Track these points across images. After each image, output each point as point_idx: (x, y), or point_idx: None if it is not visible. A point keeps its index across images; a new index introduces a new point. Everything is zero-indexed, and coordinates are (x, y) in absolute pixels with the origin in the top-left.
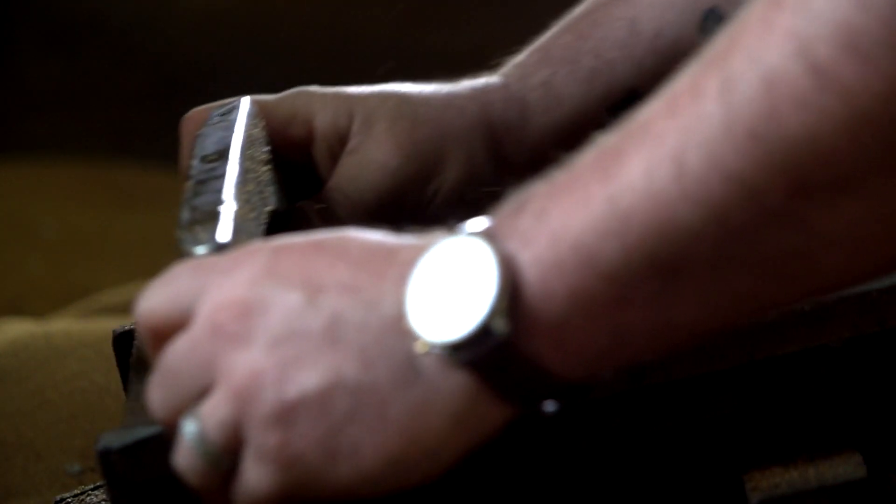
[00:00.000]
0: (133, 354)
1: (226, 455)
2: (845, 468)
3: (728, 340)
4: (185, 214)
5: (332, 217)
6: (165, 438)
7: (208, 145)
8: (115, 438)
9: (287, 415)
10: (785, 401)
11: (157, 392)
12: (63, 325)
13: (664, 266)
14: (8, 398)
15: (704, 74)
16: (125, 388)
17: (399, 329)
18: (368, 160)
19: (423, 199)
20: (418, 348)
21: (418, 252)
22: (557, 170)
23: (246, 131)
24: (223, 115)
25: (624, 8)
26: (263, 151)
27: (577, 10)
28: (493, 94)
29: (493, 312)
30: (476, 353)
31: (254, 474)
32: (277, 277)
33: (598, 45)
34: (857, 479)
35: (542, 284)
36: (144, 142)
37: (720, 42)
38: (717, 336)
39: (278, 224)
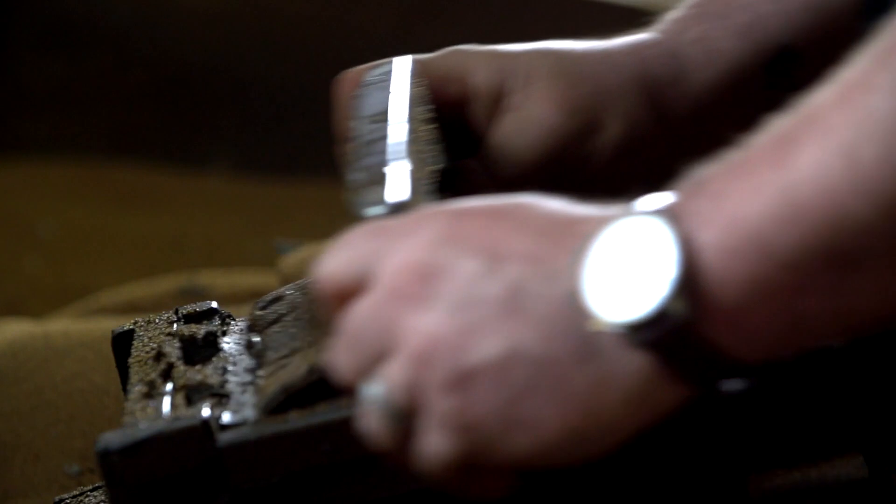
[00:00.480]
0: (132, 354)
1: (406, 418)
2: (847, 469)
3: None
4: (357, 176)
5: (490, 176)
6: (165, 439)
7: (369, 106)
8: (114, 439)
9: (465, 381)
10: (787, 402)
11: (342, 355)
12: (61, 326)
13: (840, 257)
14: (6, 399)
15: (875, 69)
16: (124, 389)
17: (575, 304)
18: (528, 118)
19: (583, 156)
20: (594, 326)
21: (597, 226)
22: (731, 151)
23: (409, 90)
24: (379, 75)
25: None
26: (425, 110)
27: None
28: (651, 50)
29: (673, 294)
30: (655, 334)
31: (431, 438)
32: (458, 242)
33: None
34: (859, 480)
35: (721, 268)
36: (143, 141)
37: (890, 34)
38: None
39: (439, 183)
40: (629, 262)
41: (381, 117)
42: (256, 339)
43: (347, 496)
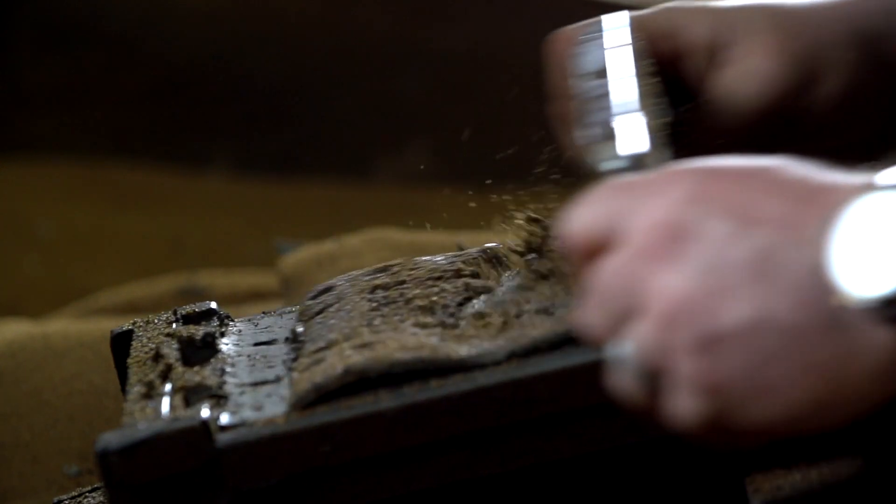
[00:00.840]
0: (131, 355)
1: (656, 377)
2: (848, 470)
3: None
4: (587, 132)
5: (708, 130)
6: (164, 439)
7: (590, 62)
8: (113, 439)
9: (714, 344)
10: None
11: (592, 312)
12: (60, 326)
13: None
14: (5, 399)
15: None
16: (123, 389)
17: (822, 277)
18: (748, 70)
19: (802, 108)
20: (840, 300)
21: (848, 197)
22: None
23: (630, 47)
24: (594, 32)
25: None
26: (647, 64)
27: None
28: (869, 3)
29: None
30: None
31: (679, 399)
32: (709, 203)
33: None
34: (860, 482)
35: None
36: (142, 141)
37: None
38: None
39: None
40: (880, 237)
41: (605, 73)
42: (300, 329)
43: (347, 498)
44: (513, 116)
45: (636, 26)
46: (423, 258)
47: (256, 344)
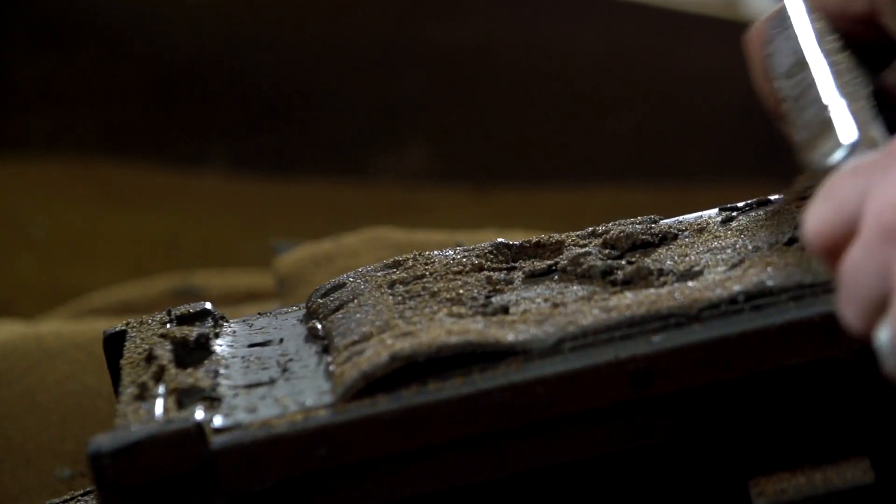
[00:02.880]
0: (124, 356)
1: None
2: (853, 473)
3: (735, 351)
4: (801, 135)
5: None
6: (158, 441)
7: (783, 60)
8: (106, 441)
9: None
10: (793, 410)
11: (846, 307)
12: (53, 327)
13: None
14: None
15: None
16: (116, 391)
17: None
18: None
19: None
20: None
21: None
22: None
23: (812, 30)
24: (778, 24)
25: None
26: (832, 40)
27: None
28: None
29: None
30: None
31: None
32: None
33: None
34: (865, 485)
35: None
36: (137, 139)
37: None
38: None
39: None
40: None
41: (798, 68)
42: (319, 325)
43: (343, 503)
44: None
45: (816, 4)
46: (434, 252)
47: (251, 345)
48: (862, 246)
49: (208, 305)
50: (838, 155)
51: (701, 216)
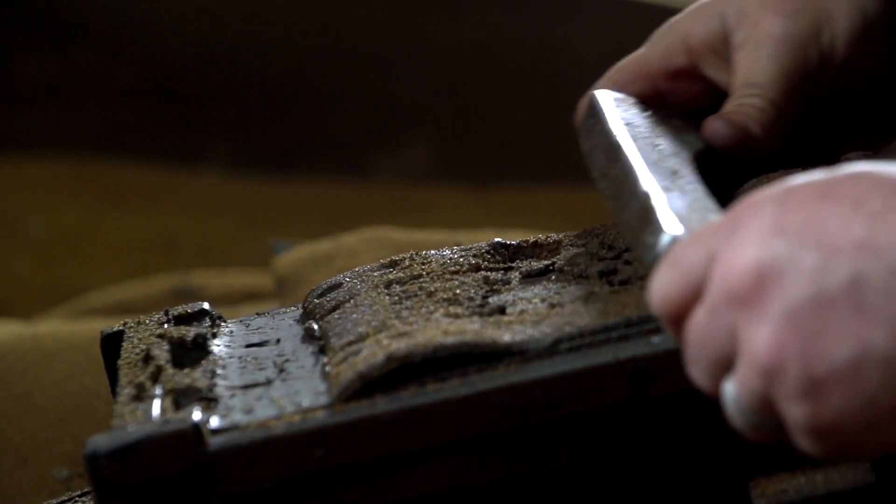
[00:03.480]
0: (121, 356)
1: (766, 420)
2: (854, 474)
3: None
4: (625, 233)
5: (751, 116)
6: (155, 442)
7: (599, 158)
8: (103, 442)
9: (816, 389)
10: None
11: (693, 367)
12: (51, 327)
13: None
14: None
15: None
16: (113, 391)
17: None
18: (759, 38)
19: (823, 55)
20: None
21: None
22: None
23: (620, 119)
24: (591, 117)
25: None
26: (647, 121)
27: None
28: None
29: None
30: None
31: (797, 441)
32: (788, 235)
33: None
34: (866, 486)
35: None
36: (135, 138)
37: None
38: None
39: (709, 163)
40: None
41: (613, 163)
42: (315, 326)
43: None
44: (512, 114)
45: (641, 68)
46: (431, 252)
47: (248, 346)
48: (707, 309)
49: (206, 305)
50: (662, 247)
51: None
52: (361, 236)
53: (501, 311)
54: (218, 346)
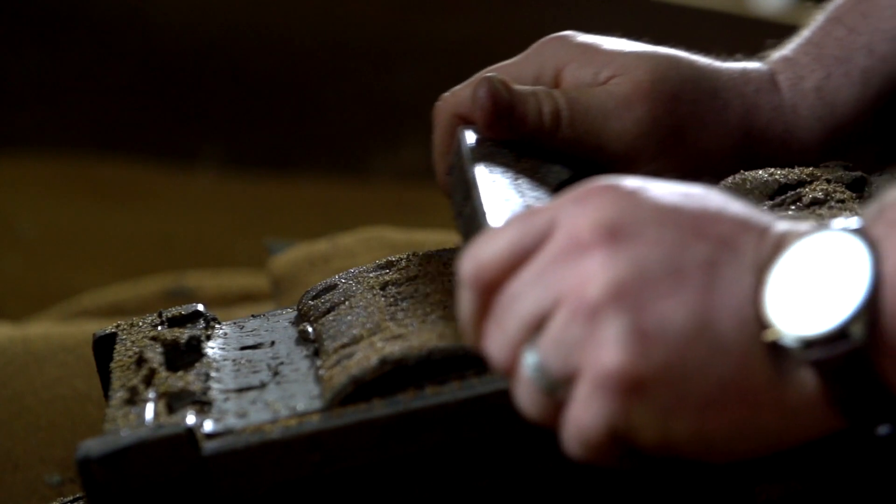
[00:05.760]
0: (114, 359)
1: (563, 384)
2: (859, 481)
3: None
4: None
5: (532, 95)
6: (148, 447)
7: (456, 198)
8: (95, 447)
9: (643, 338)
10: None
11: (495, 333)
12: (42, 329)
13: None
14: None
15: None
16: (106, 395)
17: (756, 311)
18: (618, 94)
19: (641, 164)
20: (770, 336)
21: (791, 234)
22: None
23: (479, 158)
24: (454, 159)
25: None
26: (509, 154)
27: None
28: (763, 98)
29: (856, 315)
30: (828, 353)
31: (587, 404)
32: (650, 210)
33: (870, 39)
34: (873, 491)
35: (894, 299)
36: (128, 136)
37: None
38: None
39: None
40: (818, 278)
41: (466, 202)
42: (309, 328)
43: None
44: None
45: (511, 77)
46: (428, 252)
47: (242, 348)
48: (536, 267)
49: (200, 307)
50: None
51: None
52: (359, 236)
53: None
54: (212, 349)
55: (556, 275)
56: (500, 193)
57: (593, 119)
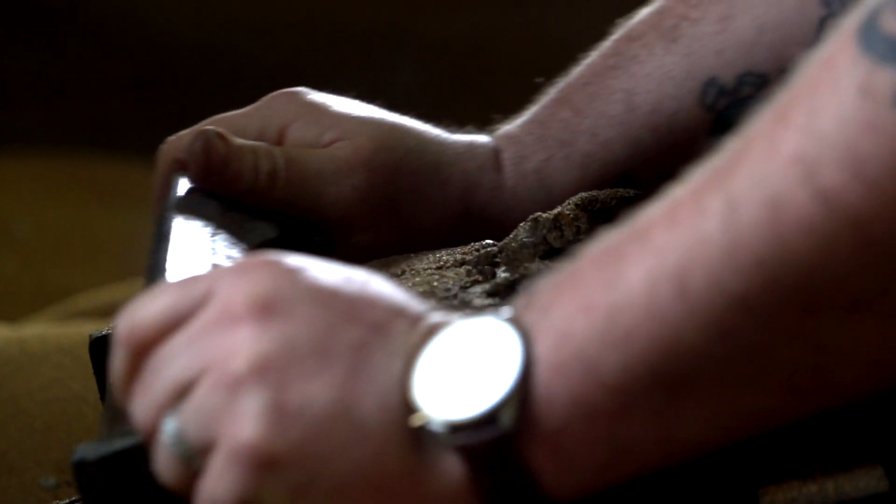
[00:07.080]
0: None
1: (200, 453)
2: (867, 481)
3: None
4: None
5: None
6: (144, 450)
7: (151, 245)
8: (91, 450)
9: (279, 417)
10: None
11: (141, 396)
12: (38, 330)
13: (668, 382)
14: None
15: (707, 190)
16: (102, 397)
17: (403, 397)
18: (339, 158)
19: (355, 231)
20: (417, 421)
21: (442, 322)
22: (562, 263)
23: (181, 210)
24: (164, 204)
25: (621, 78)
26: (217, 206)
27: (574, 76)
28: (486, 177)
29: (505, 401)
30: (475, 439)
31: (220, 475)
32: (307, 290)
33: (594, 123)
34: (879, 494)
35: (546, 385)
36: (124, 135)
37: (724, 155)
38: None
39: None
40: (467, 364)
41: (152, 256)
42: None
43: None
44: (511, 111)
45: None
46: (421, 253)
47: None
48: (189, 333)
49: None
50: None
51: None
52: None
53: (482, 297)
54: None
55: (205, 344)
56: (190, 249)
57: (311, 182)
